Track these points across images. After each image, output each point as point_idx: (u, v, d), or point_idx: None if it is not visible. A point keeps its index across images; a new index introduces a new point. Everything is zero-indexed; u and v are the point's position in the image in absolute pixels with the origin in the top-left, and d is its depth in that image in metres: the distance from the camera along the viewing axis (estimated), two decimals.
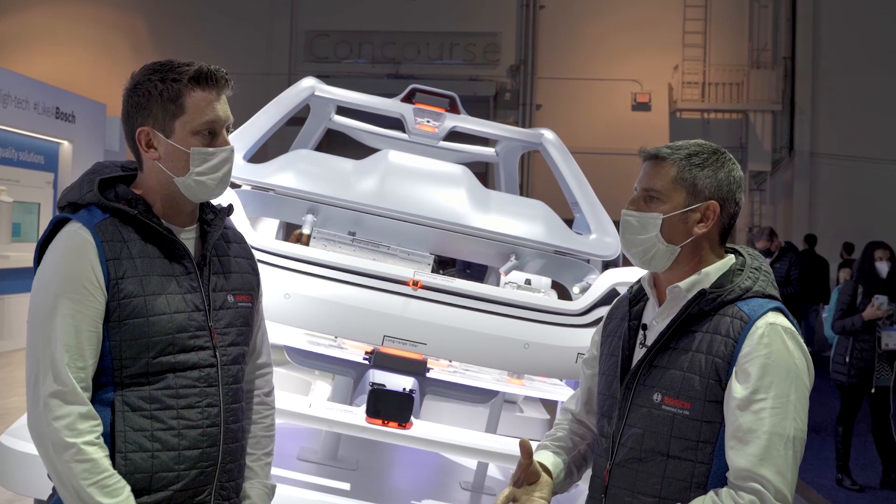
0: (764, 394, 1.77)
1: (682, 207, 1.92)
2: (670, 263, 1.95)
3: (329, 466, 4.22)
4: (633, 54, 18.25)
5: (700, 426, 1.83)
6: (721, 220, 1.94)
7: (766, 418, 1.76)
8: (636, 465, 1.89)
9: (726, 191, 1.94)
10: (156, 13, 18.95)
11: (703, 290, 1.89)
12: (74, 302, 1.85)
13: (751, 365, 1.79)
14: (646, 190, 1.97)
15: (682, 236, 1.93)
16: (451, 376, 3.91)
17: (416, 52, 18.73)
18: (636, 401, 1.91)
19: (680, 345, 1.88)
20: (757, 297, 1.88)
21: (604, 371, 2.06)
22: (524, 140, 5.38)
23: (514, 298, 3.71)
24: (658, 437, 1.86)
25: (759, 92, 18.16)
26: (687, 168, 1.93)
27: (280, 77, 17.12)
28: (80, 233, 1.89)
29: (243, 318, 2.09)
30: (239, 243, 2.19)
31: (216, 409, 1.98)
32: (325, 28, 18.84)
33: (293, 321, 3.59)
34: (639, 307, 2.05)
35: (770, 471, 1.75)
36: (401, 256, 4.14)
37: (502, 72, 18.76)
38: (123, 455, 1.86)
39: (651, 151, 1.99)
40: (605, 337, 2.10)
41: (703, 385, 1.83)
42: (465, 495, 4.33)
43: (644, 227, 1.95)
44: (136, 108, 1.96)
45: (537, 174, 16.85)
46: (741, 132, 18.44)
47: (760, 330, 1.81)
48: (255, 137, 4.56)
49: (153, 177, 1.99)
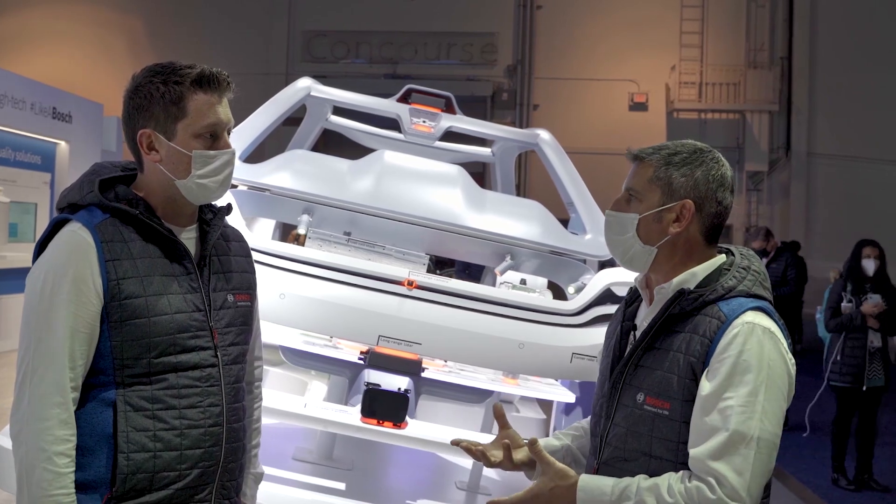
0: (732, 392, 1.75)
1: (657, 207, 1.92)
2: (649, 264, 1.95)
3: (324, 466, 4.22)
4: (630, 54, 18.28)
5: (679, 426, 1.81)
6: (702, 220, 1.92)
7: (731, 416, 1.73)
8: (621, 465, 1.89)
9: (704, 190, 1.91)
10: (153, 13, 18.95)
11: (683, 289, 1.88)
12: (71, 303, 1.85)
13: (722, 364, 1.78)
14: (627, 190, 1.99)
15: (657, 236, 1.92)
16: (446, 376, 3.92)
17: (413, 52, 18.75)
18: (622, 400, 1.91)
19: (663, 345, 1.88)
20: (740, 296, 1.86)
21: (600, 371, 2.07)
22: (520, 140, 5.38)
23: (508, 298, 3.72)
24: (640, 438, 1.86)
25: (756, 92, 18.20)
26: (663, 167, 1.93)
27: (277, 77, 17.14)
28: (79, 233, 1.89)
29: (243, 318, 2.10)
30: (238, 242, 2.19)
31: (218, 408, 1.98)
32: (323, 28, 18.85)
33: (288, 321, 3.60)
34: (633, 308, 2.06)
35: (726, 467, 1.72)
36: (396, 256, 4.14)
37: (499, 72, 18.79)
38: (126, 455, 1.86)
39: (634, 152, 2.00)
40: (606, 338, 2.12)
41: (680, 385, 1.82)
42: (460, 495, 4.33)
43: (622, 227, 1.96)
44: (137, 110, 1.96)
45: (534, 174, 16.85)
46: (738, 132, 18.48)
47: (736, 329, 1.79)
48: (251, 137, 4.57)
49: (154, 178, 1.99)
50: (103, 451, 1.88)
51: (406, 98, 5.21)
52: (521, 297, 3.79)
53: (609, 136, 17.49)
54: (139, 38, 18.70)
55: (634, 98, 18.43)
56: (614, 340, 2.02)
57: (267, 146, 5.37)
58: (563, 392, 4.14)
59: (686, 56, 18.43)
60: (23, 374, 1.86)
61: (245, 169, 4.35)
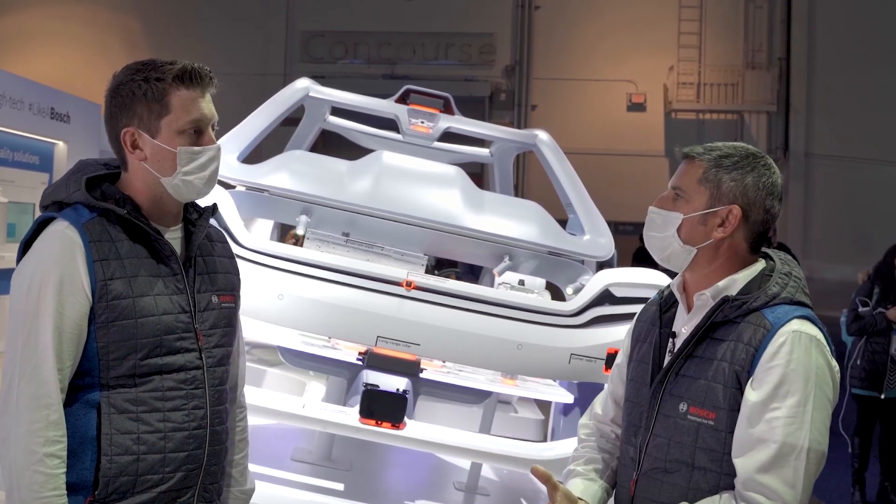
0: (779, 402, 1.73)
1: (703, 209, 1.89)
2: (687, 263, 1.92)
3: (323, 467, 4.23)
4: (629, 55, 18.28)
5: (725, 437, 1.79)
6: (748, 227, 1.89)
7: (779, 427, 1.71)
8: (661, 476, 1.85)
9: (753, 196, 1.88)
10: (151, 14, 18.94)
11: (727, 297, 1.85)
12: (59, 303, 1.82)
13: (768, 373, 1.75)
14: (674, 188, 1.95)
15: (700, 238, 1.89)
16: (444, 377, 3.92)
17: (411, 52, 18.75)
18: (662, 410, 1.88)
19: (706, 353, 1.84)
20: (784, 303, 1.83)
21: (632, 377, 2.02)
22: (518, 141, 5.39)
23: (507, 299, 3.72)
24: (683, 448, 1.83)
25: (754, 93, 18.22)
26: (713, 170, 1.90)
27: (275, 77, 17.13)
28: (66, 232, 1.86)
29: (227, 319, 2.07)
30: (221, 242, 2.16)
31: (202, 411, 1.96)
32: (321, 28, 18.85)
33: (287, 322, 3.60)
34: (670, 313, 2.01)
35: (777, 481, 1.70)
36: (394, 257, 4.14)
37: (498, 72, 18.79)
38: (109, 458, 1.84)
39: (684, 150, 1.96)
40: (634, 342, 2.06)
41: (726, 395, 1.79)
42: (458, 496, 4.33)
43: (665, 225, 1.93)
44: (119, 108, 1.94)
45: (532, 175, 16.86)
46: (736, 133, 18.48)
47: (783, 338, 1.76)
48: (249, 138, 4.57)
49: (139, 177, 1.96)
50: (86, 454, 1.85)
51: (404, 99, 5.22)
52: (520, 297, 3.79)
53: (607, 136, 17.51)
54: (137, 39, 18.68)
55: (633, 99, 18.43)
56: (653, 347, 1.97)
57: (265, 147, 5.37)
58: (562, 393, 4.14)
59: (684, 56, 18.44)
60: (10, 375, 1.83)
61: (243, 169, 4.35)
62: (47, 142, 11.77)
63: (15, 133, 11.07)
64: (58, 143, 11.96)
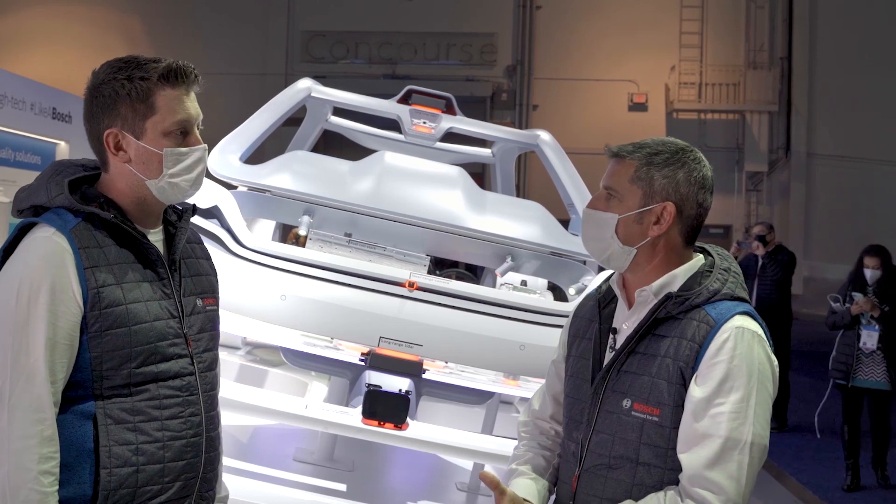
0: (723, 398, 1.74)
1: (637, 208, 1.89)
2: (628, 264, 1.92)
3: (325, 467, 4.23)
4: (630, 55, 18.30)
5: (669, 432, 1.79)
6: (682, 222, 1.89)
7: (724, 423, 1.73)
8: (605, 472, 1.85)
9: (685, 192, 1.88)
10: (152, 13, 18.96)
11: (670, 293, 1.85)
12: (51, 313, 1.74)
13: (712, 369, 1.76)
14: (606, 188, 1.94)
15: (637, 237, 1.89)
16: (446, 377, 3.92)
17: (412, 52, 18.76)
18: (605, 406, 1.87)
19: (649, 349, 1.84)
20: (725, 299, 1.84)
21: (572, 373, 2.00)
22: (520, 141, 5.39)
23: (509, 300, 3.72)
24: (628, 444, 1.83)
25: (756, 92, 18.23)
26: (644, 168, 1.89)
27: (276, 77, 17.16)
28: (54, 239, 1.77)
29: (212, 322, 2.01)
30: (199, 243, 2.09)
31: (198, 417, 1.90)
32: (322, 28, 18.86)
33: (289, 322, 3.59)
34: (609, 309, 1.99)
35: (722, 475, 1.72)
36: (397, 258, 4.14)
37: (499, 72, 18.80)
38: (109, 471, 1.78)
39: (613, 149, 1.95)
40: (573, 338, 2.05)
41: (670, 391, 1.79)
42: (460, 496, 4.33)
43: (601, 226, 1.92)
44: (101, 108, 1.86)
45: (534, 175, 16.87)
46: (738, 133, 18.50)
47: (726, 334, 1.77)
48: (251, 138, 4.56)
49: (122, 179, 1.88)
50: (83, 467, 1.78)
51: (406, 99, 5.22)
52: (522, 298, 3.79)
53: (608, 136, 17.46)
54: (137, 39, 18.70)
55: (634, 98, 18.45)
56: (593, 343, 1.97)
57: (267, 147, 5.37)
58: None
59: (685, 56, 18.45)
60: (2, 391, 1.74)
61: (245, 170, 4.35)
62: (49, 142, 11.79)
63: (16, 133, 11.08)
64: (59, 142, 11.98)
